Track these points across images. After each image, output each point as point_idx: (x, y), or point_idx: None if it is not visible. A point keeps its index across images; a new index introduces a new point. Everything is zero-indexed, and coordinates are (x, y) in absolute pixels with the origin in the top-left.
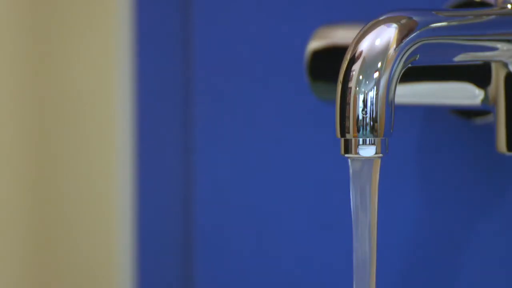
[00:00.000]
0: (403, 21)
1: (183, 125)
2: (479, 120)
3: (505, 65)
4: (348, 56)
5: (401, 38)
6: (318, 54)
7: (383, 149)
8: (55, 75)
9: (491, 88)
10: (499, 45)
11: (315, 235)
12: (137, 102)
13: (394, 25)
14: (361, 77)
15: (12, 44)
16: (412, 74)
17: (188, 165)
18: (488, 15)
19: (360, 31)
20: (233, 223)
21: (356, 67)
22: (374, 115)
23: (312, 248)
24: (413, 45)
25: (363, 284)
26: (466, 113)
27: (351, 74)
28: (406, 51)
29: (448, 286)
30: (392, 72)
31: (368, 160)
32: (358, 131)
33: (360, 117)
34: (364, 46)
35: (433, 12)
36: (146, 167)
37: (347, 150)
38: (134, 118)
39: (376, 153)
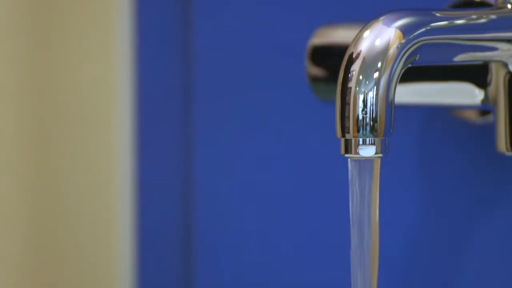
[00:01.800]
0: (403, 21)
1: (183, 125)
2: (479, 120)
3: (505, 65)
4: (348, 56)
5: (401, 38)
6: (318, 54)
7: (383, 149)
8: (55, 75)
9: (491, 88)
10: (499, 45)
11: (315, 235)
12: (137, 102)
13: (394, 25)
14: (361, 77)
15: (12, 44)
16: (412, 74)
17: (188, 165)
18: (488, 15)
19: (360, 31)
20: (233, 223)
21: (356, 67)
22: (374, 115)
23: (312, 248)
24: (413, 45)
25: (363, 285)
26: (466, 113)
27: (351, 74)
28: (406, 51)
29: (448, 286)
30: (392, 72)
31: (368, 160)
32: (358, 131)
33: (360, 117)
34: (364, 46)
35: (433, 12)
36: (146, 166)
37: (347, 150)
38: (134, 118)
39: (376, 153)
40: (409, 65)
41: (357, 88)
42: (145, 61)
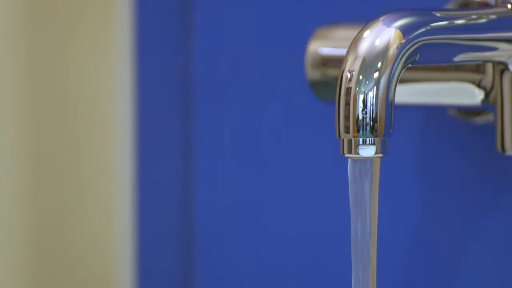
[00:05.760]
0: (403, 21)
1: (183, 125)
2: (479, 120)
3: (505, 65)
4: (348, 56)
5: (401, 38)
6: (318, 54)
7: (383, 149)
8: (55, 75)
9: (491, 88)
10: (499, 45)
11: (315, 236)
12: (137, 102)
13: (394, 25)
14: (361, 77)
15: (12, 45)
16: (412, 74)
17: (188, 166)
18: (488, 15)
19: (360, 31)
20: (233, 223)
21: (356, 67)
22: (374, 115)
23: (312, 248)
24: (413, 45)
25: (364, 284)
26: (466, 113)
27: (351, 74)
28: (406, 51)
29: (448, 286)
30: (392, 72)
31: (368, 160)
32: (358, 131)
33: (360, 117)
34: (364, 46)
35: (433, 12)
36: (146, 167)
37: (347, 150)
38: (134, 118)
39: (376, 153)
40: (409, 65)
41: (357, 88)
42: (145, 61)
